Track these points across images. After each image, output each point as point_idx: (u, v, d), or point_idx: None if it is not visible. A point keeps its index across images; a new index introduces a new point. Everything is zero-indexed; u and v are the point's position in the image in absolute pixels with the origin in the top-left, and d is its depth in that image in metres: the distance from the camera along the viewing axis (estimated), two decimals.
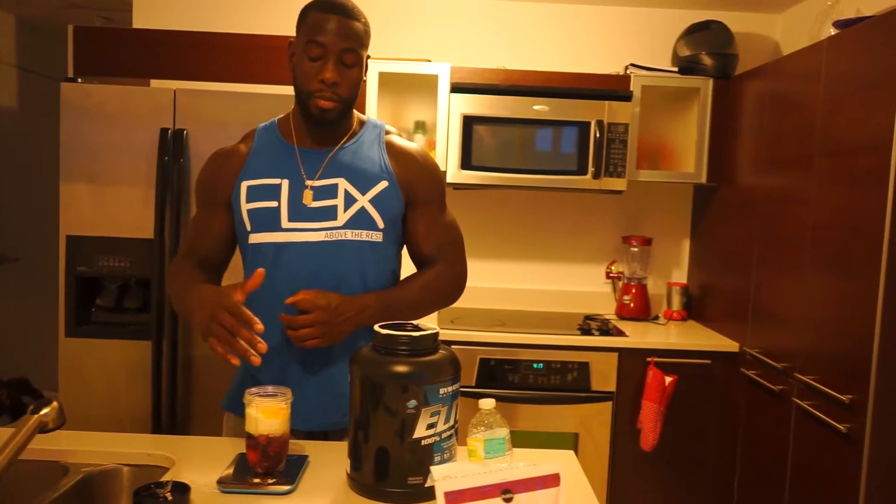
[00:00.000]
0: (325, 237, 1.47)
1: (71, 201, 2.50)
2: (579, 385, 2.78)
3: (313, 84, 1.44)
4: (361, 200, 1.50)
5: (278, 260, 1.47)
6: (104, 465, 1.37)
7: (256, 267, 1.47)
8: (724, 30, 3.04)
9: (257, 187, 1.49)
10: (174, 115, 2.49)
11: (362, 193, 1.50)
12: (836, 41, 2.19)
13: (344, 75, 1.45)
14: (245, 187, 1.50)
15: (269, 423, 1.24)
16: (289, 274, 1.47)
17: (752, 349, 2.61)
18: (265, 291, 1.46)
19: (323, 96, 1.44)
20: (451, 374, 1.23)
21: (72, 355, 2.53)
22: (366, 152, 1.55)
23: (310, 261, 1.47)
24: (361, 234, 1.49)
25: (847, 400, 1.99)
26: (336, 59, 1.43)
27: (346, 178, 1.50)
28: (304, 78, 1.45)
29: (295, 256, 1.47)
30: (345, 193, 1.49)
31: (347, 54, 1.43)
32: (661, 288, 3.39)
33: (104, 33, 2.64)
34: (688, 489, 2.86)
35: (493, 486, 0.92)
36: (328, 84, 1.43)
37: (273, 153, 1.53)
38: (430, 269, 1.59)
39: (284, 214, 1.47)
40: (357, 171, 1.52)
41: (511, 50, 3.30)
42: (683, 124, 3.16)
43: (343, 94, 1.45)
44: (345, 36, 1.42)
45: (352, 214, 1.49)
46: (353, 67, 1.46)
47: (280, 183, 1.49)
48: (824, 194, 2.19)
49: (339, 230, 1.48)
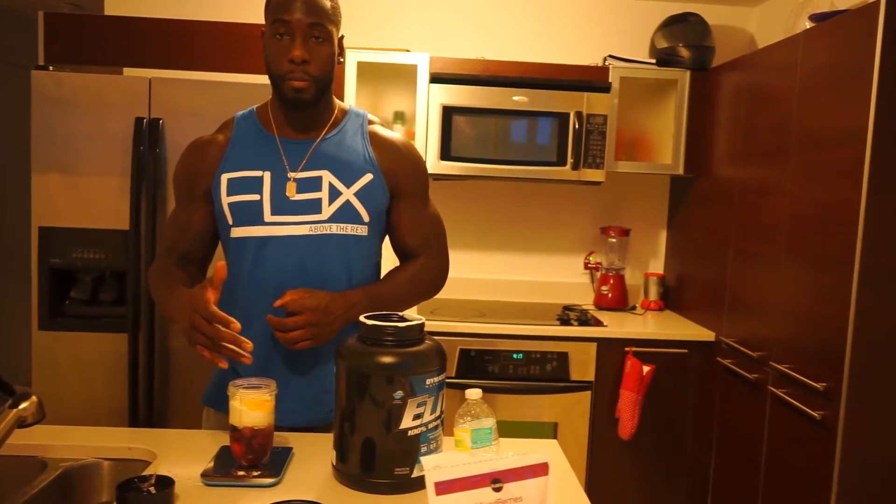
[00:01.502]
0: (310, 231, 1.44)
1: (43, 192, 2.45)
2: (558, 375, 2.80)
3: (283, 65, 1.40)
4: (346, 194, 1.47)
5: (261, 254, 1.44)
6: (83, 460, 1.35)
7: (239, 262, 1.46)
8: (701, 22, 3.07)
9: (238, 180, 1.45)
10: (149, 104, 2.44)
11: (347, 186, 1.47)
12: (812, 34, 2.22)
13: (314, 52, 1.40)
14: (225, 180, 1.46)
15: (254, 415, 1.23)
16: (273, 268, 1.44)
17: (728, 338, 2.65)
18: (249, 287, 1.45)
19: (294, 77, 1.40)
20: (438, 365, 1.23)
21: (45, 349, 2.48)
22: (349, 143, 1.52)
23: (294, 255, 1.44)
24: (346, 228, 1.47)
25: (821, 388, 2.02)
26: (303, 35, 1.39)
27: (330, 170, 1.47)
28: (274, 60, 1.41)
29: (279, 251, 1.44)
30: (329, 186, 1.46)
31: (315, 29, 1.39)
32: (639, 278, 3.42)
33: (76, 20, 2.58)
34: (665, 476, 2.90)
35: (482, 475, 0.93)
36: (297, 62, 1.38)
37: (253, 144, 1.49)
38: (415, 261, 1.58)
39: (267, 208, 1.44)
40: (341, 163, 1.49)
41: (490, 40, 3.30)
42: (661, 116, 3.19)
43: (314, 72, 1.41)
44: (310, 11, 1.38)
45: (337, 208, 1.46)
46: (323, 43, 1.41)
47: (262, 175, 1.45)
48: (800, 186, 2.23)
49: (323, 224, 1.45)
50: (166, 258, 1.51)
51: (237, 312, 1.46)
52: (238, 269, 1.47)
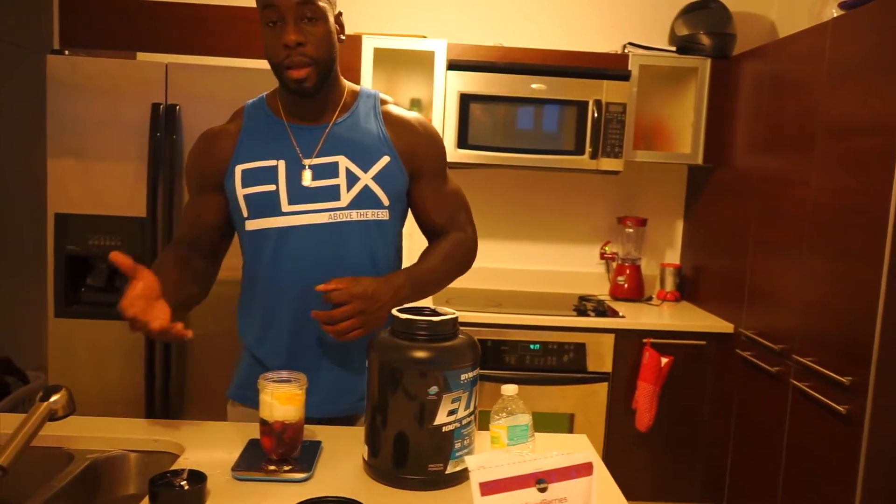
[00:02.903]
0: (329, 218, 1.41)
1: (59, 178, 2.43)
2: (575, 366, 2.78)
3: (279, 52, 1.33)
4: (364, 178, 1.43)
5: (281, 245, 1.41)
6: (110, 452, 1.33)
7: (257, 254, 1.43)
8: (722, 9, 3.02)
9: (252, 170, 1.41)
10: (166, 90, 2.41)
11: (364, 171, 1.43)
12: (841, 22, 2.18)
13: (308, 33, 1.33)
14: (239, 171, 1.41)
15: (285, 409, 1.21)
16: (293, 259, 1.41)
17: (748, 330, 2.63)
18: (268, 280, 1.43)
19: (291, 62, 1.33)
20: (471, 360, 1.21)
21: (61, 336, 2.47)
22: (363, 125, 1.47)
23: (314, 244, 1.40)
24: (367, 214, 1.43)
25: (847, 382, 2.00)
26: (295, 17, 1.31)
27: (345, 155, 1.43)
28: (270, 49, 1.35)
29: (298, 241, 1.40)
30: (346, 172, 1.42)
31: (305, 7, 1.31)
32: (654, 269, 3.40)
33: (92, 4, 2.54)
34: (681, 469, 2.89)
35: (527, 475, 0.91)
36: (292, 46, 1.32)
37: (264, 132, 1.44)
38: (447, 238, 1.55)
39: (284, 198, 1.40)
40: (357, 146, 1.44)
41: (508, 27, 3.25)
42: (680, 104, 3.15)
43: (312, 53, 1.34)
44: None
45: (356, 194, 1.42)
46: (317, 22, 1.33)
47: (276, 164, 1.41)
48: (825, 176, 2.19)
49: (343, 211, 1.41)
50: (172, 249, 1.48)
51: (258, 306, 1.46)
52: (256, 262, 1.44)
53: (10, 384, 3.56)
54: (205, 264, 1.51)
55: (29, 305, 4.57)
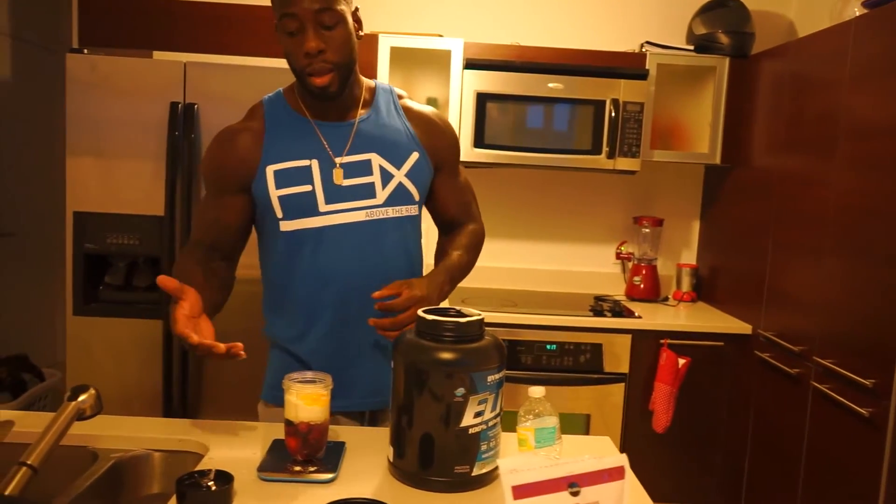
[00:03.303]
0: (366, 216, 1.42)
1: (77, 176, 2.43)
2: (592, 366, 2.77)
3: (300, 60, 1.35)
4: (398, 175, 1.45)
5: (319, 245, 1.41)
6: (134, 451, 1.34)
7: (293, 254, 1.42)
8: (741, 7, 2.99)
9: (286, 171, 1.40)
10: (184, 89, 2.42)
11: (397, 168, 1.45)
12: (864, 21, 2.15)
13: (328, 39, 1.34)
14: (271, 172, 1.40)
15: (310, 410, 1.20)
16: (332, 258, 1.41)
17: (767, 332, 2.61)
18: (306, 279, 1.43)
19: (314, 70, 1.34)
20: (498, 361, 1.21)
21: (80, 334, 2.48)
22: (388, 122, 1.49)
23: (353, 242, 1.41)
24: (402, 210, 1.46)
25: (870, 384, 1.98)
26: (314, 25, 1.32)
27: (377, 152, 1.44)
28: (291, 57, 1.36)
29: (337, 240, 1.41)
30: (380, 169, 1.44)
31: (323, 14, 1.32)
32: (670, 269, 3.38)
33: (110, 3, 2.55)
34: (698, 471, 2.87)
35: (560, 479, 0.90)
36: (313, 54, 1.33)
37: (291, 131, 1.43)
38: (464, 229, 1.60)
39: (321, 198, 1.40)
40: (387, 144, 1.46)
41: (524, 26, 3.24)
42: (697, 104, 3.12)
43: (333, 58, 1.35)
44: None
45: (391, 191, 1.44)
46: (336, 27, 1.34)
47: (309, 164, 1.41)
48: (848, 177, 2.17)
49: (379, 208, 1.43)
50: (192, 253, 1.45)
51: (295, 304, 1.45)
52: (291, 262, 1.43)
53: (26, 381, 3.58)
54: (225, 267, 1.50)
55: (44, 303, 4.59)
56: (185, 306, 1.23)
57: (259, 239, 1.50)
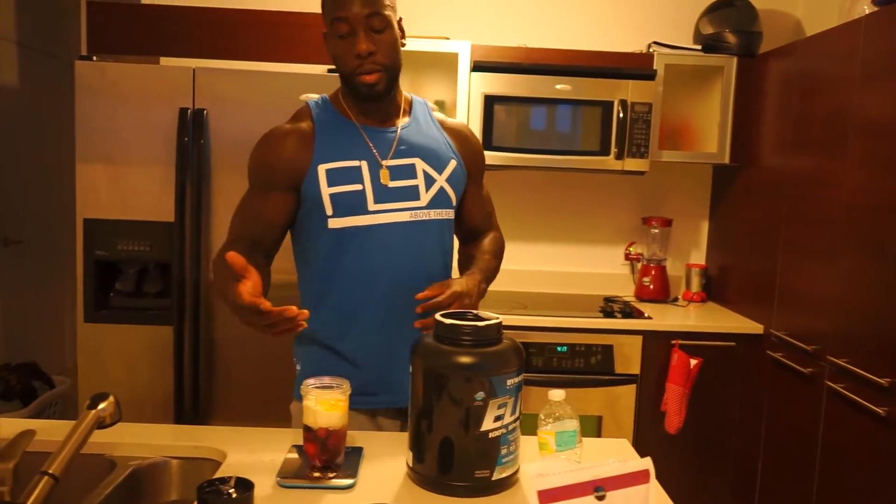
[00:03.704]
0: (411, 217, 1.49)
1: (87, 183, 2.43)
2: (603, 368, 2.76)
3: (351, 62, 1.42)
4: (440, 180, 1.53)
5: (367, 242, 1.47)
6: (152, 459, 1.33)
7: (339, 251, 1.47)
8: (748, 7, 2.99)
9: (337, 170, 1.46)
10: (193, 95, 2.42)
11: (439, 173, 1.53)
12: (875, 19, 2.14)
13: (378, 42, 1.42)
14: (323, 171, 1.46)
15: (329, 415, 1.20)
16: (379, 255, 1.47)
17: (779, 331, 2.59)
18: (352, 275, 1.47)
19: (364, 70, 1.42)
20: (516, 365, 1.20)
21: (90, 341, 2.48)
22: (427, 131, 1.57)
23: (398, 241, 1.48)
24: (442, 213, 1.54)
25: (886, 383, 1.97)
26: (364, 28, 1.40)
27: (421, 157, 1.52)
28: (341, 59, 1.44)
29: (384, 238, 1.47)
30: (424, 174, 1.51)
31: (373, 19, 1.41)
32: (679, 269, 3.37)
33: (119, 9, 2.55)
34: (711, 472, 2.86)
35: (585, 483, 0.89)
36: (364, 56, 1.41)
37: (339, 133, 1.50)
38: (487, 237, 1.69)
39: (370, 197, 1.47)
40: (429, 150, 1.54)
41: (532, 28, 3.24)
42: (706, 104, 3.12)
43: (382, 60, 1.43)
44: (365, 3, 1.40)
45: (434, 194, 1.52)
46: (385, 31, 1.43)
47: (359, 165, 1.47)
48: (859, 176, 2.16)
49: (423, 210, 1.51)
50: (232, 246, 1.45)
51: (338, 301, 1.49)
52: (338, 259, 1.48)
53: (36, 389, 3.58)
54: (264, 265, 1.50)
55: (53, 310, 4.60)
56: (249, 285, 1.20)
57: (299, 238, 1.55)
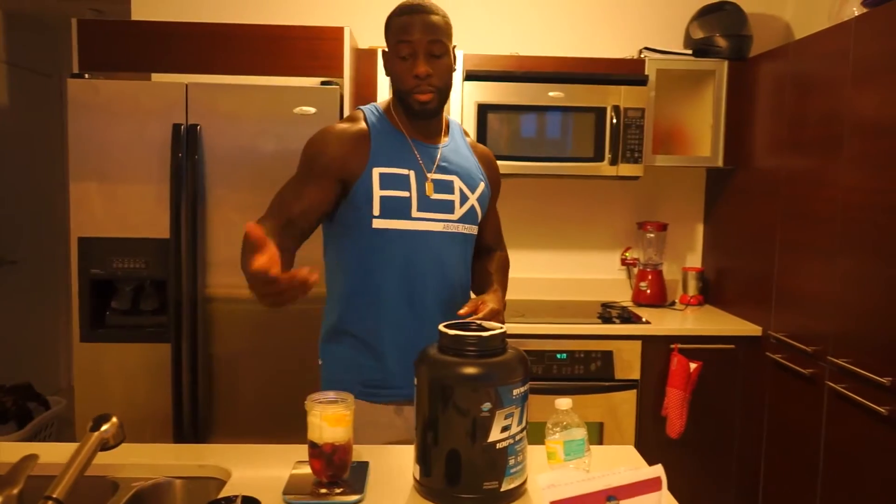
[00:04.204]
0: (444, 228, 1.60)
1: (82, 202, 2.42)
2: (603, 374, 2.76)
3: (409, 82, 1.53)
4: (472, 198, 1.65)
5: (406, 245, 1.56)
6: (155, 479, 1.32)
7: (377, 250, 1.56)
8: (737, 11, 3.00)
9: (389, 175, 1.55)
10: (186, 110, 2.41)
11: (471, 192, 1.65)
12: (866, 20, 2.16)
13: (435, 66, 1.54)
14: (377, 174, 1.54)
15: (334, 430, 1.19)
16: (415, 258, 1.57)
17: (778, 333, 2.60)
18: (395, 274, 1.57)
19: (420, 90, 1.53)
20: (522, 374, 1.19)
21: (87, 361, 2.45)
22: (464, 152, 1.69)
23: (431, 249, 1.58)
24: (469, 228, 1.66)
25: (887, 382, 1.97)
26: (425, 52, 1.52)
27: (458, 176, 1.63)
28: (400, 78, 1.55)
29: (420, 243, 1.57)
30: (459, 191, 1.63)
31: (434, 45, 1.52)
32: (675, 273, 3.37)
33: (109, 27, 2.54)
34: (714, 475, 2.85)
35: (598, 492, 0.89)
36: (422, 77, 1.52)
37: (392, 142, 1.59)
38: (496, 254, 1.83)
39: (414, 204, 1.56)
40: (464, 170, 1.65)
41: (523, 36, 3.25)
42: (698, 108, 3.13)
43: (437, 83, 1.54)
44: (429, 30, 1.52)
45: (466, 210, 1.63)
46: (442, 57, 1.54)
47: (408, 174, 1.57)
48: (856, 176, 2.17)
49: (454, 223, 1.62)
50: (268, 220, 1.49)
51: (374, 296, 1.58)
52: (379, 256, 1.57)
53: (31, 410, 3.55)
54: (292, 248, 1.49)
55: (47, 331, 4.57)
56: (264, 258, 1.13)
57: (336, 233, 1.61)
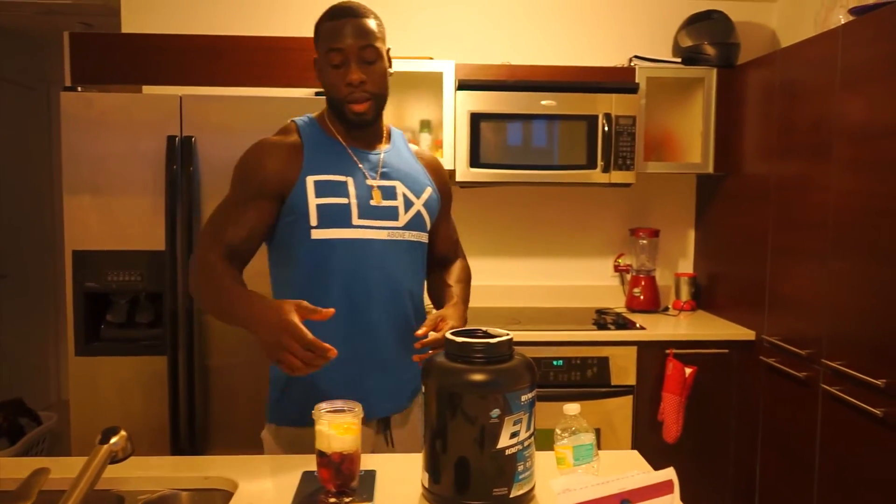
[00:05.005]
0: (388, 236, 1.53)
1: (76, 215, 2.40)
2: (599, 380, 2.77)
3: (342, 90, 1.49)
4: (417, 204, 1.58)
5: (347, 256, 1.49)
6: (161, 491, 1.31)
7: (318, 261, 1.49)
8: (725, 19, 3.05)
9: (325, 183, 1.49)
10: (181, 122, 2.41)
11: (417, 197, 1.59)
12: (853, 27, 2.20)
13: (369, 72, 1.49)
14: (311, 181, 1.49)
15: (343, 439, 1.19)
16: (357, 269, 1.50)
17: (772, 337, 2.62)
18: (328, 286, 1.49)
19: (354, 98, 1.48)
20: (529, 381, 1.20)
21: (82, 375, 2.43)
22: (406, 157, 1.65)
23: (375, 258, 1.51)
24: (416, 236, 1.59)
25: (882, 384, 1.99)
26: (357, 59, 1.47)
27: (401, 181, 1.58)
28: (333, 87, 1.50)
29: (361, 253, 1.50)
30: (403, 196, 1.57)
31: (366, 51, 1.48)
32: (668, 279, 3.40)
33: (101, 39, 2.54)
34: (711, 479, 2.87)
35: (612, 496, 0.89)
36: (355, 85, 1.47)
37: (327, 150, 1.54)
38: (455, 265, 1.76)
39: (354, 212, 1.50)
40: (408, 176, 1.60)
41: (513, 45, 3.27)
42: (687, 115, 3.16)
43: (372, 89, 1.49)
44: (359, 35, 1.48)
45: (411, 216, 1.57)
46: (376, 62, 1.50)
47: (346, 180, 1.51)
48: (846, 180, 2.20)
49: (399, 230, 1.55)
50: (213, 251, 1.46)
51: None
52: (317, 270, 1.50)
53: (23, 426, 3.52)
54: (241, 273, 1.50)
55: (38, 345, 4.53)
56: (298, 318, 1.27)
57: (278, 248, 1.55)
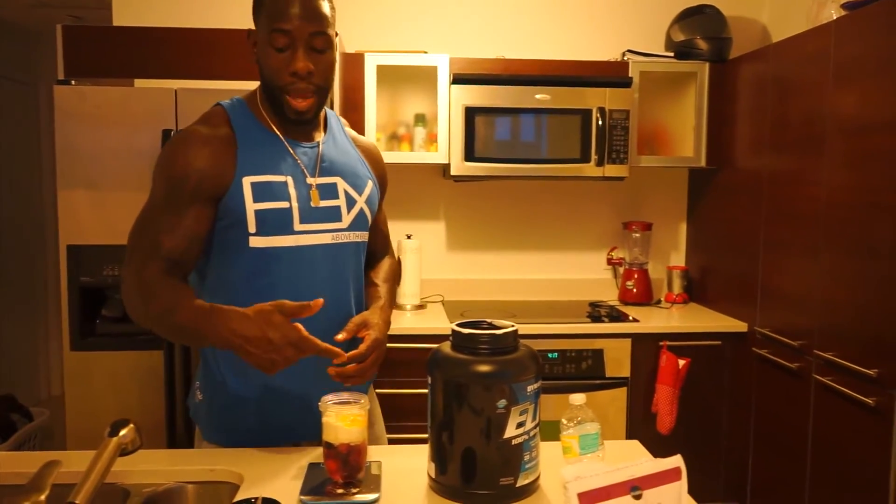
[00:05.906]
0: (332, 239, 1.41)
1: (70, 209, 2.39)
2: (594, 372, 2.79)
3: (284, 78, 1.31)
4: (359, 202, 1.46)
5: (288, 264, 1.36)
6: (166, 484, 1.31)
7: (257, 271, 1.34)
8: (717, 14, 3.07)
9: (263, 185, 1.33)
10: (176, 116, 2.40)
11: (359, 194, 1.46)
12: (845, 22, 2.22)
13: (317, 61, 1.32)
14: (248, 184, 1.32)
15: (350, 431, 1.20)
16: (296, 278, 1.36)
17: (764, 328, 2.65)
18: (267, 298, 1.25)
19: (297, 90, 1.32)
20: (535, 371, 1.21)
21: (78, 369, 2.43)
22: (344, 148, 1.50)
23: (318, 264, 1.39)
24: (360, 236, 1.47)
25: (874, 374, 2.02)
26: (305, 45, 1.30)
27: (342, 177, 1.44)
28: (274, 73, 1.32)
29: (305, 260, 1.37)
30: (345, 194, 1.44)
31: (317, 38, 1.31)
32: (660, 272, 3.42)
33: (94, 33, 2.52)
34: (704, 470, 2.90)
35: (622, 483, 0.91)
36: (302, 75, 1.31)
37: (262, 145, 1.37)
38: (384, 262, 1.63)
39: (296, 216, 1.36)
40: (348, 169, 1.46)
41: (508, 39, 3.28)
42: (680, 109, 3.18)
43: (319, 82, 1.34)
44: (311, 17, 1.29)
45: (354, 216, 1.44)
46: (326, 51, 1.33)
47: (285, 181, 1.36)
48: (838, 174, 2.23)
49: (343, 232, 1.43)
50: (150, 267, 1.30)
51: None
52: (257, 281, 1.35)
53: (15, 422, 3.49)
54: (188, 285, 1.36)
55: (30, 341, 4.50)
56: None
57: (214, 254, 1.37)
